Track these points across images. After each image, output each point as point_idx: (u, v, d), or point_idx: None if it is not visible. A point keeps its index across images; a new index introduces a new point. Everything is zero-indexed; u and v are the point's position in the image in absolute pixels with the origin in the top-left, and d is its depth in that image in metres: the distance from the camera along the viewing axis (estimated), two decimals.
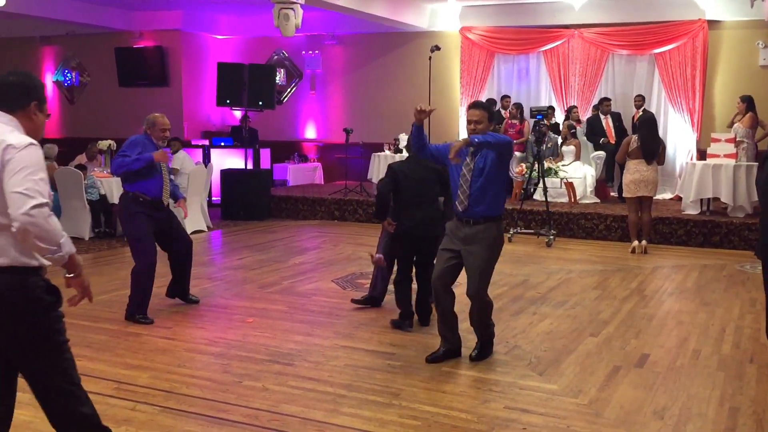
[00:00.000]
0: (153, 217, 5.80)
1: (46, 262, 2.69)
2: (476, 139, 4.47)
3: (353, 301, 6.24)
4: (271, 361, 4.83)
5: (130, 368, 4.67)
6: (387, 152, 12.70)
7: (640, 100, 11.65)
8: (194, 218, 10.28)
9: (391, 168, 5.70)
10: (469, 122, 4.72)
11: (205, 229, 10.54)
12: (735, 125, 10.36)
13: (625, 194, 8.93)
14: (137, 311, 5.75)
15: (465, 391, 4.33)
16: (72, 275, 2.71)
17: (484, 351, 4.91)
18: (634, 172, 8.67)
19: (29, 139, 2.64)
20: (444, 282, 4.79)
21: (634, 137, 8.73)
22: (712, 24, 11.84)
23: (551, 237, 9.48)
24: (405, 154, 11.80)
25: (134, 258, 5.86)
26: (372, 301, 6.19)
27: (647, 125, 8.78)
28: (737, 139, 10.03)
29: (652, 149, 8.63)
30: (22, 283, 2.63)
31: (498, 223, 4.73)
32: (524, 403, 4.15)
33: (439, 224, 5.32)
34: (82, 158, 11.27)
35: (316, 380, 4.47)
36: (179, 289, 6.22)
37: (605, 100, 11.84)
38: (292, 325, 5.70)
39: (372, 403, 4.11)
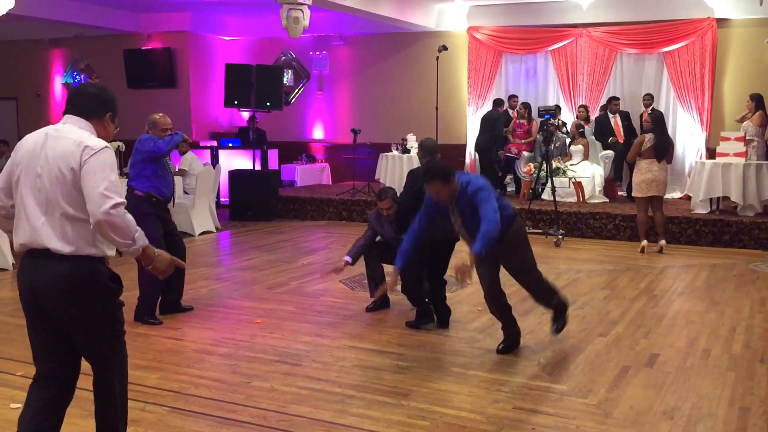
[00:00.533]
0: (161, 218, 5.80)
1: (110, 253, 2.97)
2: (483, 252, 4.33)
3: (368, 309, 6.15)
4: (279, 361, 4.83)
5: (139, 369, 4.68)
6: (395, 152, 12.69)
7: (648, 99, 11.60)
8: (202, 219, 10.31)
9: (415, 174, 5.64)
10: (432, 195, 4.62)
11: (214, 230, 10.56)
12: (745, 123, 10.30)
13: (635, 194, 8.85)
14: (147, 312, 5.75)
15: (473, 391, 4.32)
16: (149, 267, 3.01)
17: (558, 318, 5.14)
18: (646, 171, 8.61)
19: (104, 143, 2.92)
20: (496, 293, 4.96)
21: (648, 136, 8.62)
22: (721, 22, 11.77)
23: (560, 237, 9.45)
24: (413, 154, 11.82)
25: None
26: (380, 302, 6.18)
27: (661, 124, 8.75)
28: (747, 138, 9.97)
29: (665, 148, 8.60)
30: (89, 271, 2.89)
31: (508, 225, 4.72)
32: (533, 403, 4.13)
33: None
34: None
35: (324, 381, 4.47)
36: (172, 299, 5.99)
37: (613, 99, 11.81)
38: (301, 325, 5.70)
39: (380, 404, 4.11)
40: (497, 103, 12.30)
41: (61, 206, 2.84)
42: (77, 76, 15.80)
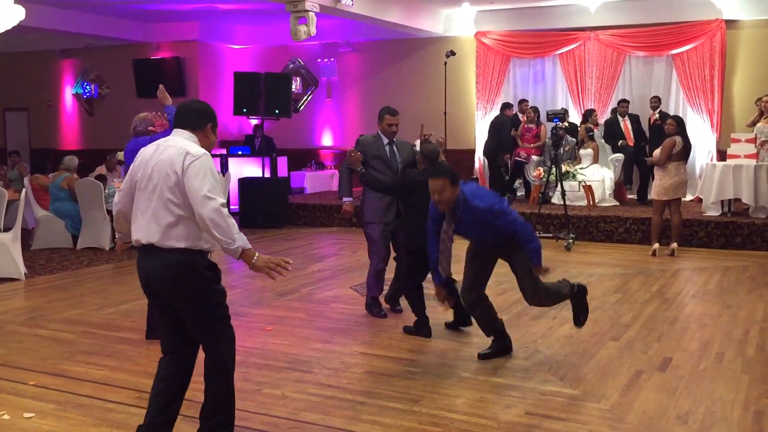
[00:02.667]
0: None
1: (206, 247, 3.36)
2: (541, 263, 4.71)
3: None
4: (290, 368, 4.83)
5: (151, 377, 4.62)
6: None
7: (656, 101, 11.55)
8: None
9: (405, 175, 5.67)
10: (432, 193, 4.60)
11: None
12: (758, 125, 10.21)
13: (660, 197, 8.66)
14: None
15: (485, 396, 4.31)
16: (250, 267, 3.33)
17: (579, 308, 5.02)
18: (675, 175, 8.55)
19: (204, 150, 3.35)
20: (479, 289, 4.99)
21: (678, 139, 8.52)
22: (730, 24, 11.73)
23: (570, 241, 9.42)
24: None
25: None
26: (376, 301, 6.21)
27: (684, 126, 8.76)
28: (763, 139, 9.88)
29: (689, 150, 8.65)
30: (190, 261, 3.30)
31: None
32: (545, 408, 4.11)
33: None
34: (102, 169, 11.39)
35: (335, 387, 4.46)
36: None
37: (623, 102, 11.77)
38: (311, 332, 5.70)
39: (392, 410, 4.10)
40: (504, 107, 12.27)
41: (167, 206, 3.26)
42: (87, 86, 15.92)
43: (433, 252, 4.84)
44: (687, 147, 8.65)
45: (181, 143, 3.34)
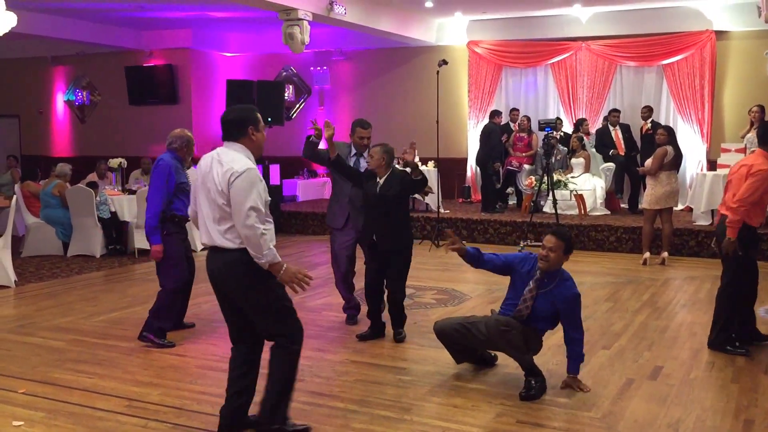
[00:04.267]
0: (181, 237, 5.77)
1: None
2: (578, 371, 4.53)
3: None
4: None
5: (141, 385, 4.67)
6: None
7: (646, 111, 11.59)
8: None
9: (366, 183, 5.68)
10: (543, 247, 4.56)
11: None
12: (748, 135, 10.27)
13: (651, 206, 8.69)
14: (160, 335, 5.54)
15: (477, 405, 4.31)
16: (277, 278, 3.62)
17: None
18: (666, 184, 8.59)
19: (248, 165, 3.59)
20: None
21: (670, 148, 8.56)
22: (720, 35, 11.83)
23: None
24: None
25: (165, 278, 5.62)
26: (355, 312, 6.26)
27: (674, 135, 8.82)
28: (752, 149, 9.92)
29: (680, 160, 8.68)
30: (246, 260, 3.57)
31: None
32: (537, 417, 4.12)
33: (406, 236, 5.58)
34: (93, 176, 11.35)
35: (326, 395, 4.45)
36: (177, 316, 5.86)
37: (614, 112, 11.82)
38: (307, 341, 5.67)
39: (383, 419, 4.09)
40: (493, 114, 12.25)
41: (221, 213, 3.60)
42: (79, 93, 15.88)
43: (486, 260, 4.76)
44: (678, 156, 8.71)
45: (229, 157, 3.63)
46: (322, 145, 5.93)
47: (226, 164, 3.59)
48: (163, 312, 5.59)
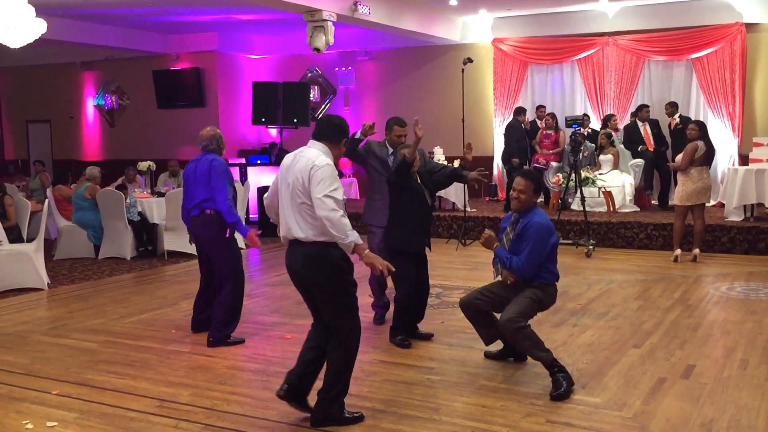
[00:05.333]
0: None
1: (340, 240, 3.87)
2: (499, 262, 4.74)
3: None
4: None
5: (172, 386, 4.72)
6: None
7: (669, 107, 11.40)
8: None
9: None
10: (513, 189, 4.75)
11: (243, 246, 10.62)
12: None
13: (682, 202, 8.55)
14: (230, 333, 5.66)
15: (506, 405, 4.28)
16: (362, 260, 3.88)
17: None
18: (698, 180, 8.45)
19: (327, 161, 3.86)
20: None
21: (701, 143, 8.40)
22: (750, 27, 11.62)
23: (590, 247, 9.35)
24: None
25: (229, 282, 5.64)
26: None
27: (706, 130, 8.67)
28: None
29: (713, 155, 8.56)
30: (325, 252, 3.84)
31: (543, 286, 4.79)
32: (567, 416, 4.08)
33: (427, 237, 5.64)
34: (123, 179, 11.50)
35: (355, 396, 4.45)
36: (204, 317, 5.89)
37: (643, 107, 11.67)
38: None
39: (411, 419, 4.08)
40: (517, 112, 12.17)
41: (299, 206, 3.84)
42: (108, 98, 16.10)
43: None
44: (710, 152, 8.54)
45: (312, 154, 3.88)
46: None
47: (309, 159, 3.84)
48: (231, 320, 5.65)
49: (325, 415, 3.96)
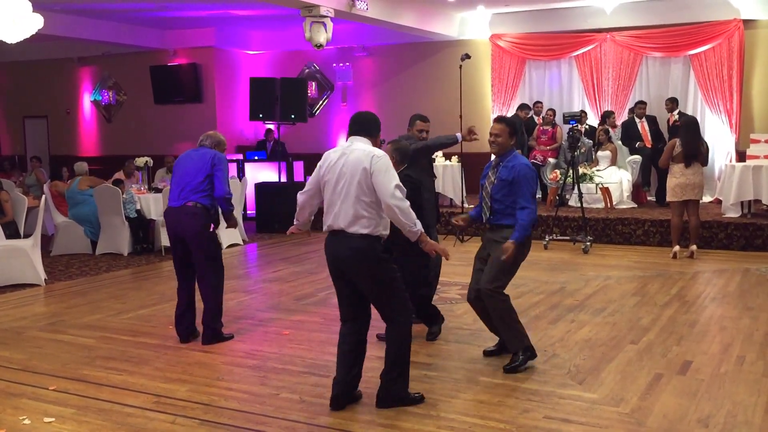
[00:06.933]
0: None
1: (384, 233, 4.07)
2: (521, 240, 4.68)
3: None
4: (307, 372, 4.84)
5: (169, 381, 4.72)
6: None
7: (670, 104, 11.43)
8: (230, 232, 10.37)
9: (411, 177, 5.57)
10: (490, 134, 4.88)
11: (241, 242, 10.63)
12: None
13: (669, 198, 8.71)
14: (221, 328, 5.60)
15: (503, 401, 4.29)
16: (420, 245, 4.09)
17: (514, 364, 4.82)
18: (680, 176, 8.49)
19: (383, 152, 4.07)
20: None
21: (678, 141, 8.53)
22: (748, 23, 11.62)
23: (588, 243, 9.36)
24: (438, 162, 11.77)
25: (211, 277, 5.54)
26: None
27: (688, 128, 8.63)
28: None
29: (693, 152, 8.46)
30: (368, 244, 4.01)
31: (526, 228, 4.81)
32: (564, 412, 4.08)
33: None
34: (120, 175, 11.47)
35: None
36: (193, 320, 5.67)
37: (640, 104, 11.69)
38: (328, 336, 5.70)
39: (409, 414, 4.09)
40: (519, 108, 12.20)
41: (354, 199, 3.98)
42: (105, 93, 16.07)
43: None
44: (690, 149, 8.43)
45: (365, 147, 4.07)
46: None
47: (365, 150, 4.02)
48: (218, 313, 5.58)
49: (390, 395, 4.14)
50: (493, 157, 4.96)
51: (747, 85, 11.77)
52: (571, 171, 9.98)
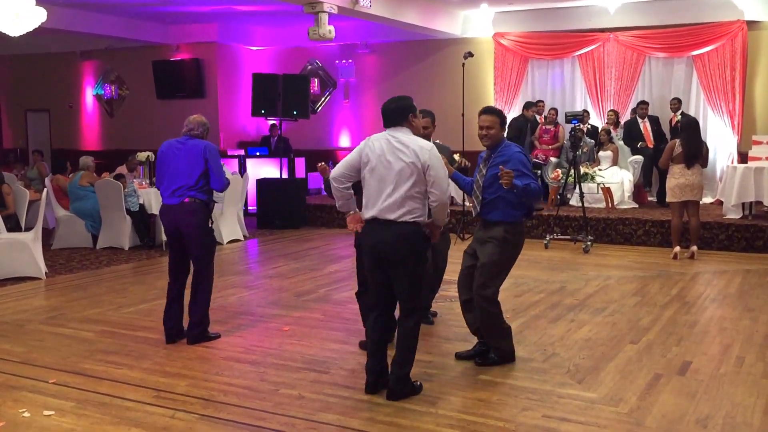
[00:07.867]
0: None
1: (420, 221, 4.16)
2: (520, 186, 4.56)
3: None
4: (307, 369, 4.84)
5: (169, 376, 4.72)
6: None
7: (676, 103, 11.44)
8: (231, 228, 10.39)
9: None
10: (480, 128, 4.78)
11: (242, 238, 10.64)
12: None
13: (669, 199, 8.73)
14: (207, 329, 5.54)
15: (502, 399, 4.29)
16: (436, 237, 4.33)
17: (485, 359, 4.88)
18: (679, 176, 8.49)
19: (430, 143, 4.26)
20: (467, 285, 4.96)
21: (678, 141, 8.53)
22: (752, 24, 11.61)
23: (588, 243, 9.36)
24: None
25: (208, 274, 5.49)
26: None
27: (689, 129, 8.62)
28: None
29: (694, 153, 8.45)
30: (410, 232, 4.13)
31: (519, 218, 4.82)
32: (563, 411, 4.09)
33: None
34: (122, 169, 11.49)
35: (352, 388, 4.46)
36: (181, 319, 5.57)
37: (642, 104, 11.68)
38: (328, 333, 5.71)
39: (409, 411, 4.09)
40: (525, 106, 12.21)
41: (399, 188, 4.08)
42: (108, 88, 16.06)
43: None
44: (690, 150, 8.44)
45: (407, 137, 4.15)
46: None
47: (412, 142, 4.11)
48: (207, 312, 5.53)
49: (403, 388, 4.24)
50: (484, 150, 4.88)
51: (750, 87, 11.75)
52: (572, 170, 9.97)
